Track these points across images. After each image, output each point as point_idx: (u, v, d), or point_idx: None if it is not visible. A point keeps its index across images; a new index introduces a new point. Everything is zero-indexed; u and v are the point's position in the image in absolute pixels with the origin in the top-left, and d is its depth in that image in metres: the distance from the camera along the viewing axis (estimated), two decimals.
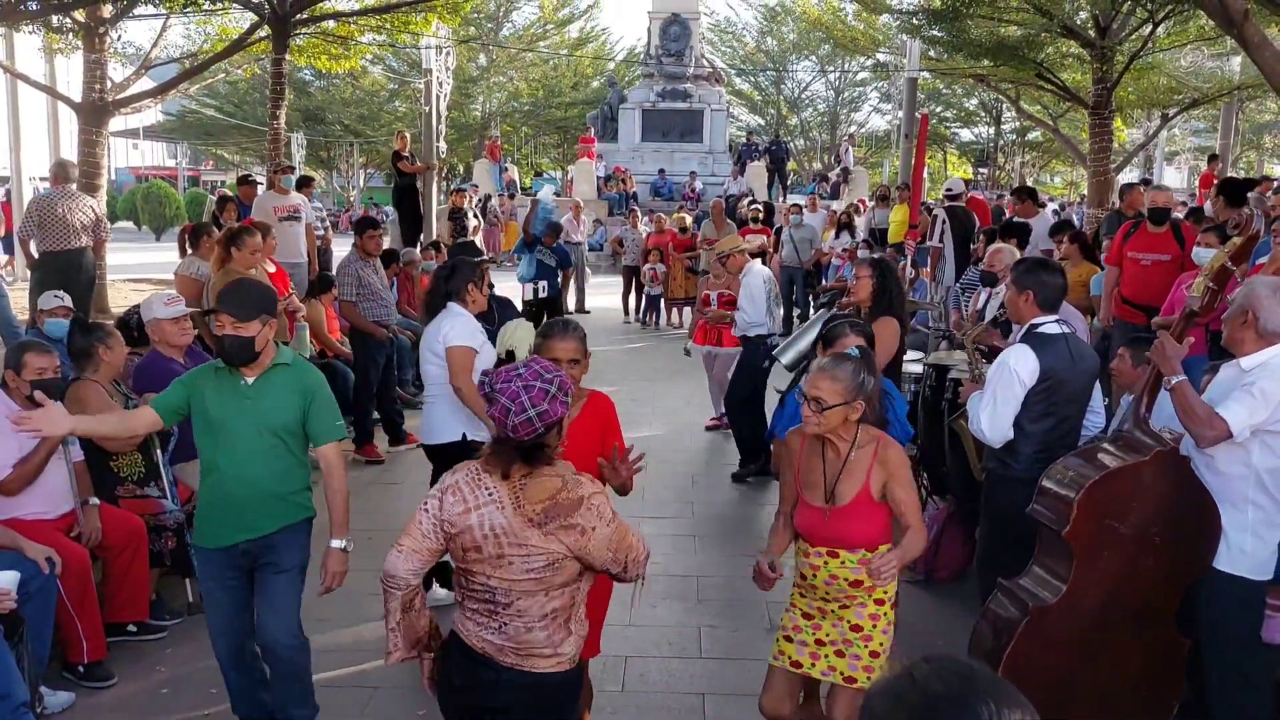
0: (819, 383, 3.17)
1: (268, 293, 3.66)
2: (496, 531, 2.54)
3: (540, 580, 2.54)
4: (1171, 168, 40.01)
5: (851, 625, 3.24)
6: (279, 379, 3.60)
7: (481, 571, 2.59)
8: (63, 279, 8.50)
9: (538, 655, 2.60)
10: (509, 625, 2.59)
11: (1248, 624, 3.43)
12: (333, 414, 3.69)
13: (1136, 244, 7.19)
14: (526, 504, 2.54)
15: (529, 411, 2.50)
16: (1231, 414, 3.24)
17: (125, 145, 43.07)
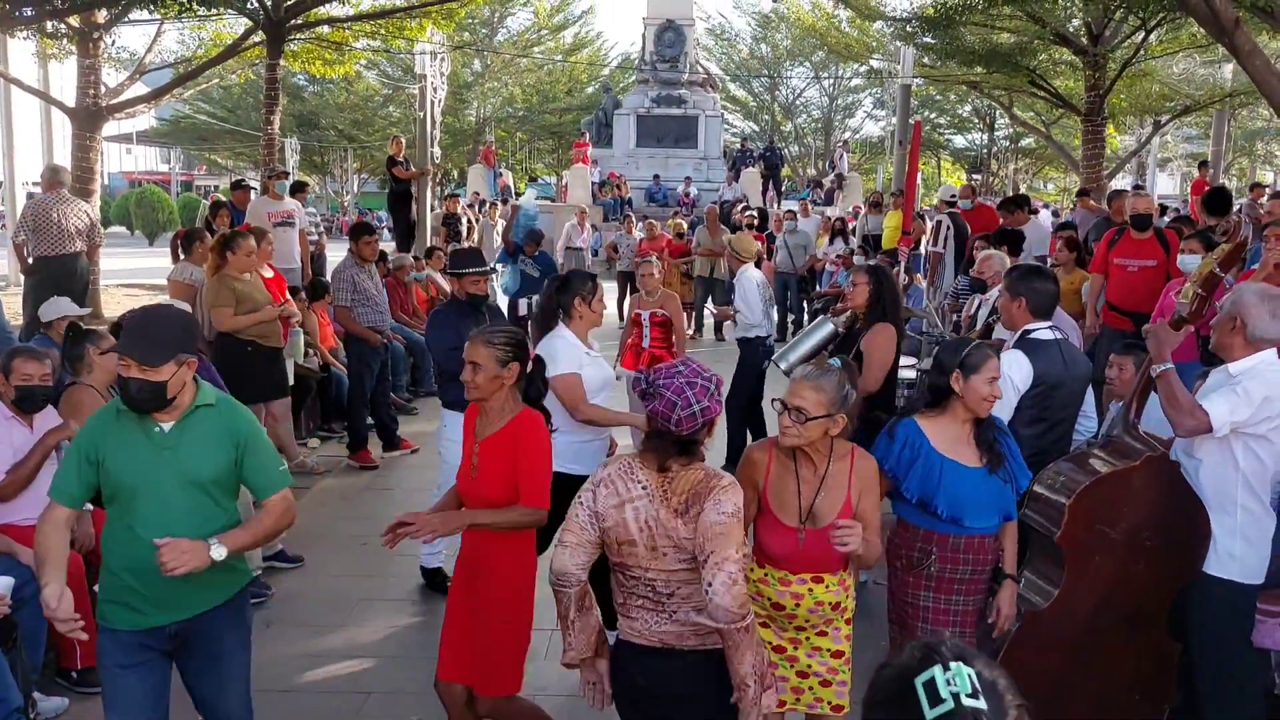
0: (802, 392, 2.98)
1: (184, 326, 3.07)
2: (650, 524, 2.61)
3: (692, 569, 2.59)
4: (1164, 174, 40.15)
5: (833, 652, 3.10)
6: (202, 423, 3.00)
7: (638, 564, 2.64)
8: (57, 284, 8.50)
9: (713, 636, 2.62)
10: (679, 612, 2.64)
11: (1238, 628, 3.45)
12: (273, 459, 3.12)
13: (1122, 250, 7.22)
14: (673, 496, 2.61)
15: (694, 407, 2.59)
16: (1214, 407, 3.27)
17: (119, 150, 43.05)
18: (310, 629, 4.97)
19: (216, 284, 6.59)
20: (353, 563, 5.83)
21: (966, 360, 3.25)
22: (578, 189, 24.01)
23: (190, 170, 48.67)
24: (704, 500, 2.59)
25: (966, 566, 3.29)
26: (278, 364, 6.88)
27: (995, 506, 3.27)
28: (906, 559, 3.35)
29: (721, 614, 2.51)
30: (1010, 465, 3.32)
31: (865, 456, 3.14)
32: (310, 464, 7.46)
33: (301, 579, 5.57)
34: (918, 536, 3.31)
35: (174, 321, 3.04)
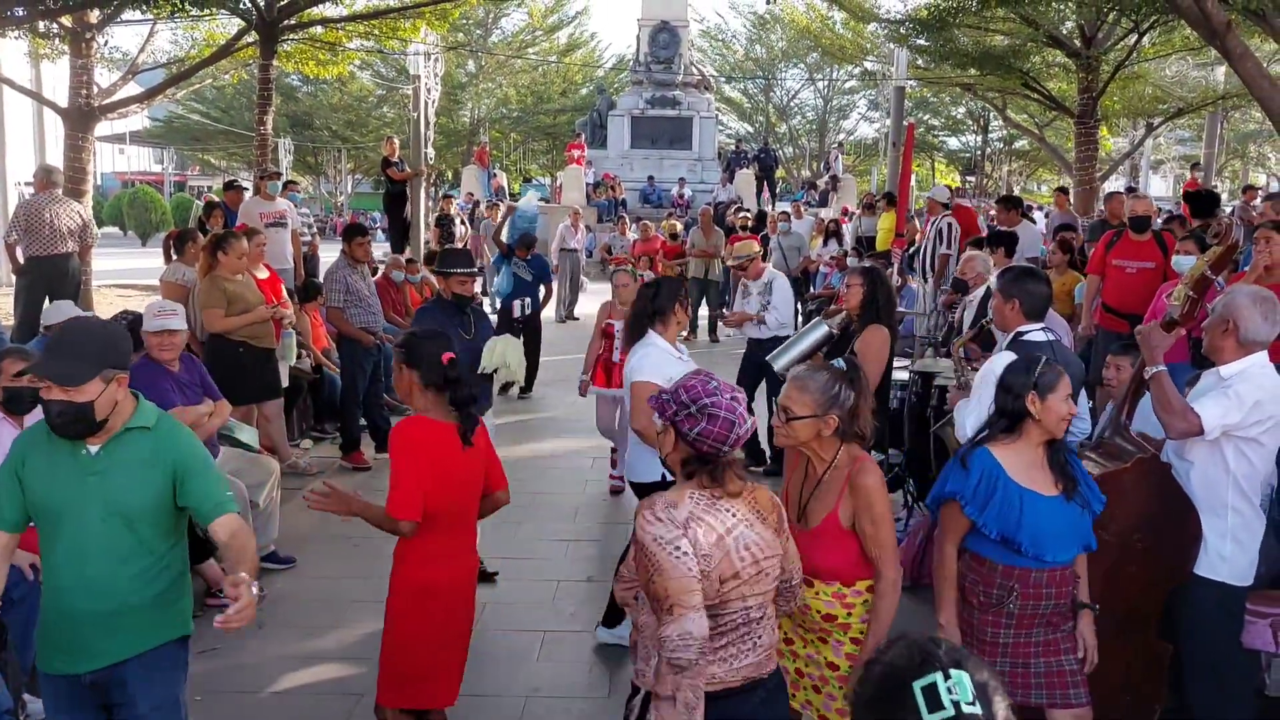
0: (789, 392, 2.97)
1: (108, 339, 2.76)
2: (752, 549, 2.49)
3: (777, 581, 2.60)
4: (1157, 176, 40.26)
5: (828, 662, 3.02)
6: (134, 447, 2.71)
7: (739, 597, 2.47)
8: (49, 284, 8.47)
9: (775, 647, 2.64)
10: (763, 636, 2.56)
11: (1228, 629, 3.46)
12: (217, 483, 2.82)
13: (1121, 252, 7.23)
14: (767, 514, 2.56)
15: (747, 424, 2.49)
16: (1205, 410, 3.28)
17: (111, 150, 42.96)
18: (301, 630, 4.96)
19: (208, 285, 6.58)
20: (344, 564, 5.81)
21: (1041, 380, 3.07)
22: (572, 190, 24.01)
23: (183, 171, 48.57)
24: (779, 511, 2.63)
25: (1049, 601, 3.11)
26: (270, 365, 6.86)
27: (1075, 537, 3.12)
28: (984, 598, 3.16)
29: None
30: (1084, 490, 3.17)
31: (868, 471, 2.96)
32: (302, 465, 7.45)
33: (293, 580, 5.56)
34: (997, 573, 3.11)
35: (96, 335, 2.74)
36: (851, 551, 2.96)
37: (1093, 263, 7.48)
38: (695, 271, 13.88)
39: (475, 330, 5.55)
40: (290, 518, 6.20)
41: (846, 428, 2.95)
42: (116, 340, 2.78)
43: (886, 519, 2.94)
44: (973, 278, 6.76)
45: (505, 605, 5.17)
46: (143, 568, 2.71)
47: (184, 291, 7.13)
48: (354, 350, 7.61)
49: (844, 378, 2.98)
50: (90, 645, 2.68)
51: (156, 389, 5.10)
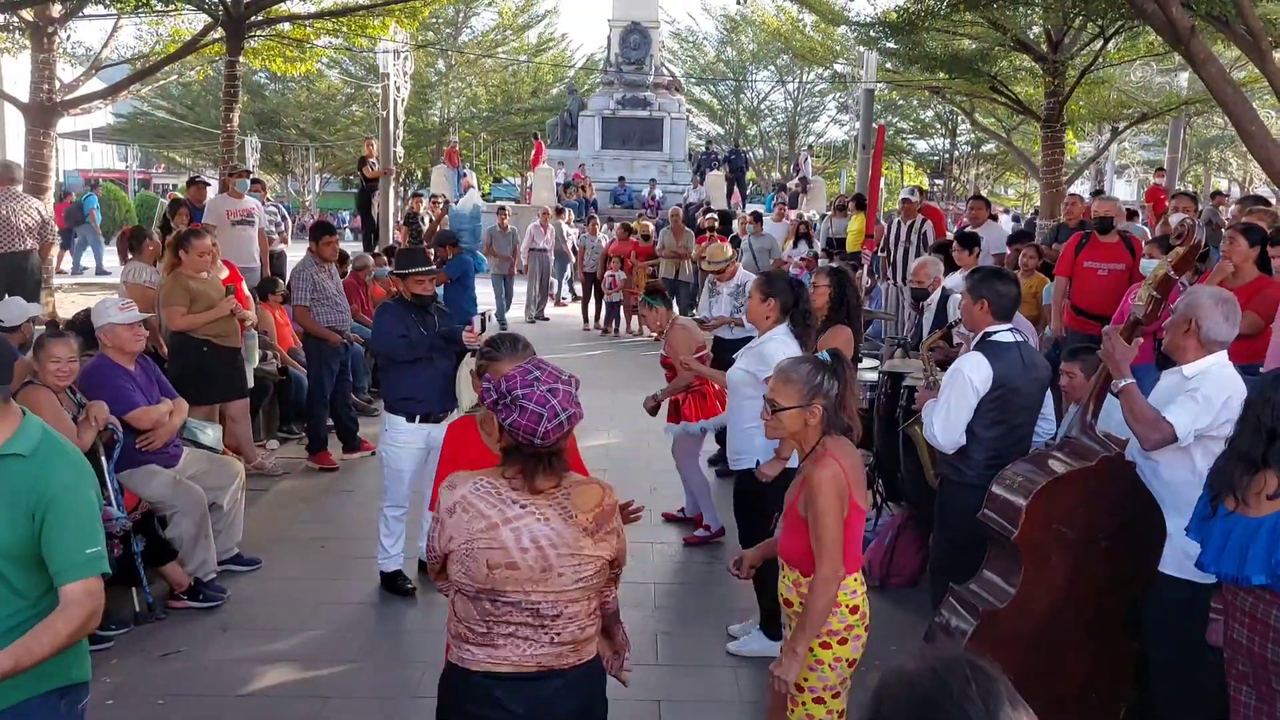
0: (774, 384, 3.05)
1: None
2: (542, 544, 2.40)
3: (587, 588, 2.48)
4: (1121, 180, 40.80)
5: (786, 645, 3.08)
6: (5, 477, 2.33)
7: (518, 589, 2.42)
8: (7, 282, 8.32)
9: (589, 642, 2.56)
10: (562, 633, 2.48)
11: (1192, 627, 3.49)
12: (83, 536, 2.35)
13: (1091, 254, 7.30)
14: (579, 513, 2.44)
15: (560, 416, 2.38)
16: (1176, 418, 3.31)
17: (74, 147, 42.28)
18: (267, 632, 4.90)
19: (171, 282, 6.50)
20: (311, 565, 5.75)
21: None
22: (542, 190, 23.96)
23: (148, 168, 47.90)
24: (612, 520, 2.51)
25: None
26: (235, 365, 6.78)
27: None
28: None
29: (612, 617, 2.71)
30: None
31: (826, 461, 2.97)
32: (269, 466, 7.37)
33: (259, 582, 5.49)
34: None
35: None
36: (803, 540, 3.00)
37: (1061, 264, 7.55)
38: (666, 272, 13.91)
39: (438, 328, 5.46)
40: (255, 519, 6.13)
41: (833, 418, 3.00)
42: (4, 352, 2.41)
43: (829, 514, 2.92)
44: (929, 283, 6.84)
45: None
46: (8, 613, 2.33)
47: (149, 294, 7.04)
48: (321, 350, 7.54)
49: (827, 369, 3.02)
50: None
51: (118, 389, 5.04)
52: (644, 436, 8.55)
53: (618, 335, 14.67)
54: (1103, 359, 3.60)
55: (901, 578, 5.54)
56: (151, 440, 5.10)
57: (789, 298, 4.52)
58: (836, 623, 3.01)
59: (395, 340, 5.26)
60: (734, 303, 7.43)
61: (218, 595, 5.13)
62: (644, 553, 6.01)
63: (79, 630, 2.33)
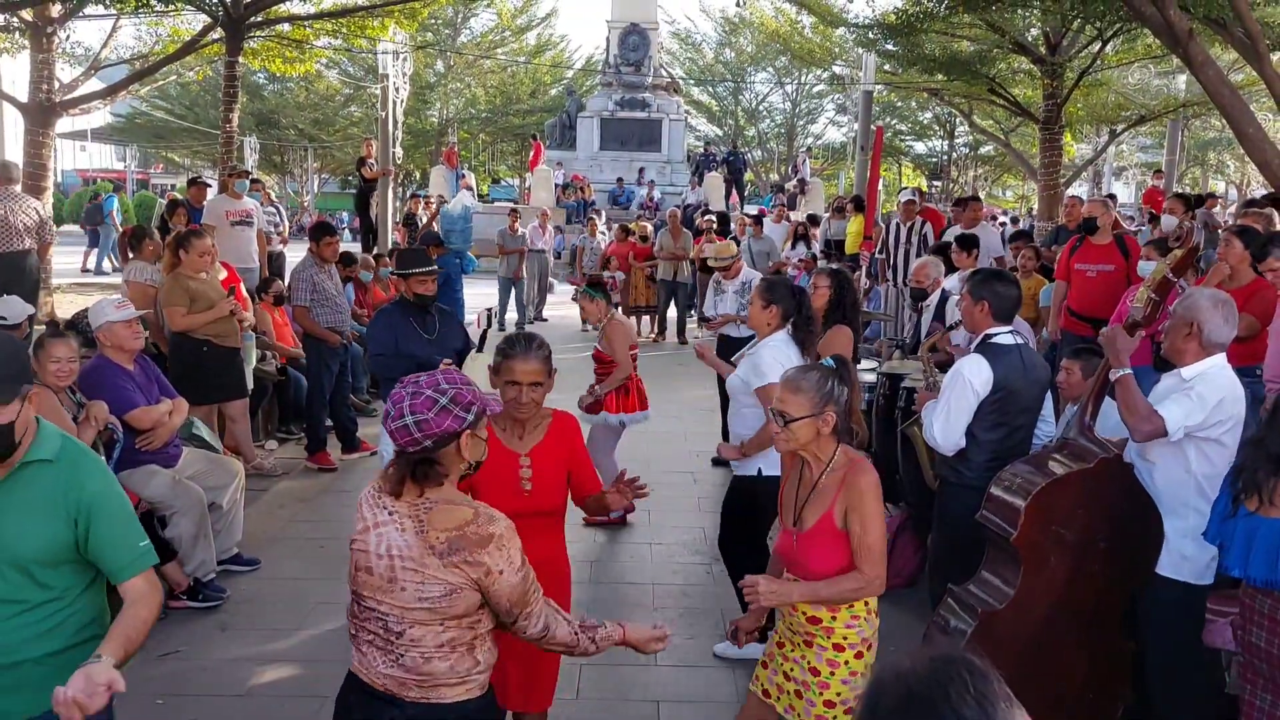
0: (784, 395, 2.93)
1: (21, 350, 2.48)
2: (392, 553, 2.34)
3: (434, 610, 2.34)
4: (1120, 182, 40.85)
5: (810, 667, 2.99)
6: (33, 485, 2.33)
7: (371, 596, 2.38)
8: (5, 281, 8.33)
9: (444, 685, 2.39)
10: (405, 656, 2.37)
11: (1189, 628, 3.51)
12: (130, 532, 2.43)
13: (1083, 256, 7.32)
14: (431, 530, 2.33)
15: (406, 418, 2.31)
16: (1169, 412, 3.33)
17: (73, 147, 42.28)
18: (266, 632, 4.90)
19: (170, 283, 6.51)
20: (310, 565, 5.76)
21: None
22: (541, 191, 23.97)
23: (146, 169, 47.90)
24: (479, 551, 2.32)
25: None
26: (234, 365, 6.79)
27: None
28: None
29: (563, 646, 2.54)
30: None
31: (864, 470, 2.95)
32: (267, 466, 7.37)
33: (257, 582, 5.49)
34: None
35: (6, 347, 2.36)
36: (843, 554, 2.92)
37: (1059, 268, 7.58)
38: (664, 274, 13.92)
39: (438, 332, 5.44)
40: (254, 519, 6.14)
41: (844, 424, 2.96)
42: (22, 351, 2.49)
43: (877, 520, 2.91)
44: (928, 284, 6.85)
45: None
46: (45, 615, 2.37)
47: (150, 292, 7.05)
48: (320, 350, 7.54)
49: (834, 374, 2.97)
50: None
51: (117, 389, 5.04)
52: (641, 438, 8.55)
53: None
54: (1103, 346, 3.61)
55: (900, 578, 5.54)
56: (151, 440, 5.10)
57: (790, 304, 4.47)
58: (869, 630, 3.01)
59: (374, 359, 5.27)
60: (739, 300, 7.48)
61: (217, 595, 5.13)
62: (641, 554, 6.02)
63: (153, 618, 2.41)
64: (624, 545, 6.08)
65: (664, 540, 6.28)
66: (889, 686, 1.28)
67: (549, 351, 3.26)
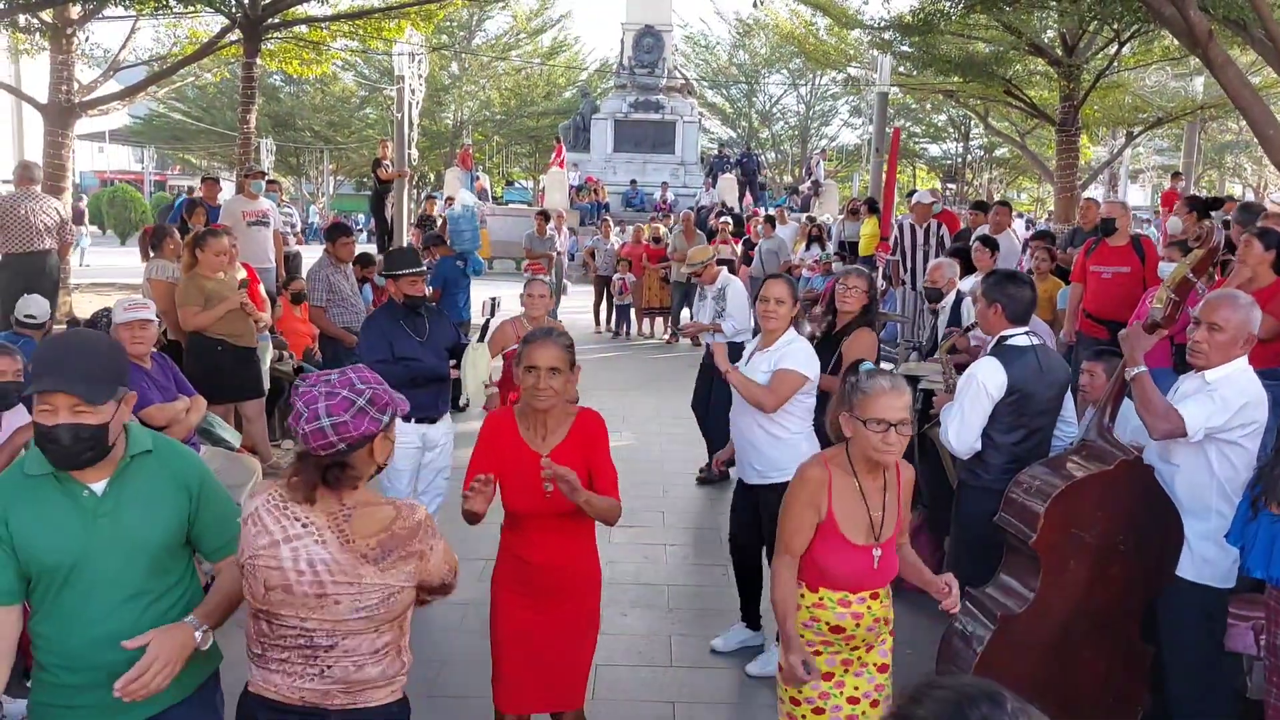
0: (897, 403, 2.80)
1: (118, 351, 2.45)
2: (317, 568, 2.22)
3: (371, 618, 2.28)
4: (1135, 185, 40.66)
5: (879, 666, 2.99)
6: (144, 475, 2.40)
7: (293, 615, 2.25)
8: (26, 281, 8.39)
9: (372, 689, 2.34)
10: (334, 668, 2.29)
11: (1210, 632, 3.48)
12: (232, 511, 2.50)
13: (1099, 258, 7.28)
14: (357, 538, 2.24)
15: (322, 421, 2.18)
16: (1189, 412, 3.31)
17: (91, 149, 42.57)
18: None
19: (186, 282, 6.55)
20: None
21: None
22: (555, 193, 24.00)
23: (164, 170, 48.20)
24: (411, 542, 2.28)
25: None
26: (251, 364, 6.81)
27: None
28: None
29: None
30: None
31: (906, 466, 3.03)
32: (284, 465, 7.39)
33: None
34: None
35: (107, 347, 2.37)
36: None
37: (1075, 270, 7.54)
38: (677, 275, 13.90)
39: (429, 333, 5.29)
40: None
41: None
42: (122, 355, 2.46)
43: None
44: (943, 285, 6.81)
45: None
46: (171, 602, 2.42)
47: (172, 289, 7.09)
48: (336, 350, 7.56)
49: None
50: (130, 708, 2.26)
51: (133, 386, 5.05)
52: (655, 439, 8.56)
53: (628, 338, 14.69)
54: (1120, 345, 3.59)
55: None
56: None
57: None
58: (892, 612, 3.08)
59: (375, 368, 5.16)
60: (715, 307, 7.32)
61: None
62: (656, 555, 6.01)
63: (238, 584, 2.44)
64: (638, 546, 6.07)
65: (678, 542, 6.28)
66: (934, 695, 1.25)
67: (570, 342, 3.21)
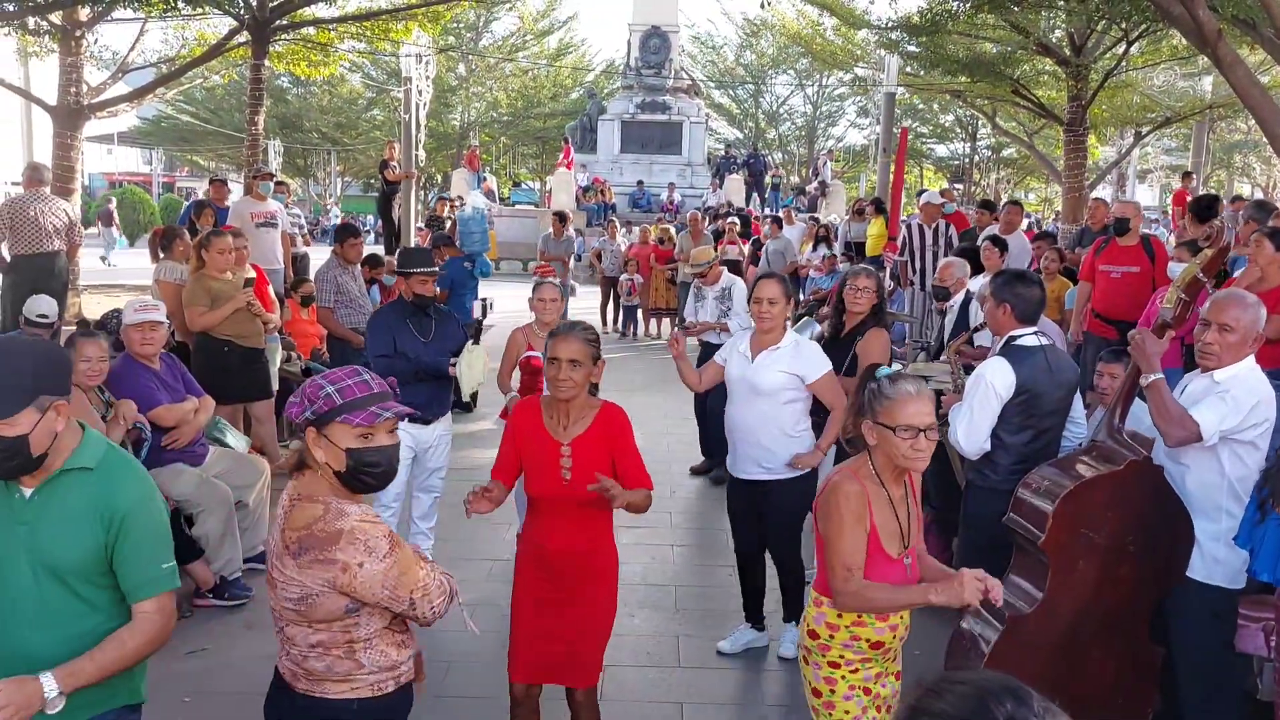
0: (923, 408, 2.71)
1: (44, 360, 2.31)
2: (271, 549, 2.38)
3: (298, 612, 2.32)
4: (1144, 185, 40.53)
5: (897, 674, 2.98)
6: (70, 491, 2.30)
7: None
8: (35, 282, 8.41)
9: (329, 681, 2.39)
10: (291, 650, 2.42)
11: (1220, 633, 3.47)
12: (157, 551, 2.36)
13: (1108, 258, 7.25)
14: (288, 529, 2.32)
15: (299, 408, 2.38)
16: (1203, 417, 3.29)
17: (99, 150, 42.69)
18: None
19: (193, 283, 6.56)
20: None
21: None
22: (561, 194, 24.02)
23: (172, 172, 48.33)
24: (329, 549, 2.26)
25: None
26: (259, 365, 6.82)
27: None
28: None
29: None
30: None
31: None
32: None
33: None
34: None
35: (25, 355, 2.28)
36: None
37: (1084, 270, 7.52)
38: (684, 276, 13.87)
39: (434, 333, 5.30)
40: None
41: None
42: (53, 361, 2.33)
43: None
44: (952, 284, 6.79)
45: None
46: (86, 629, 2.30)
47: (180, 291, 7.11)
48: (344, 350, 7.57)
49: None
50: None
51: (141, 387, 5.08)
52: (662, 439, 8.55)
53: (635, 338, 14.69)
54: (1132, 354, 3.57)
55: None
56: (177, 438, 5.14)
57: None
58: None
59: (375, 361, 5.14)
60: (719, 307, 7.32)
61: (243, 593, 5.16)
62: (663, 555, 6.01)
63: (147, 646, 2.34)
64: (645, 547, 6.07)
65: (685, 543, 6.27)
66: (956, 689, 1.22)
67: (594, 337, 3.33)
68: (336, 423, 2.32)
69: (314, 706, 2.41)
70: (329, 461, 2.34)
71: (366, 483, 2.38)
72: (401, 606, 2.37)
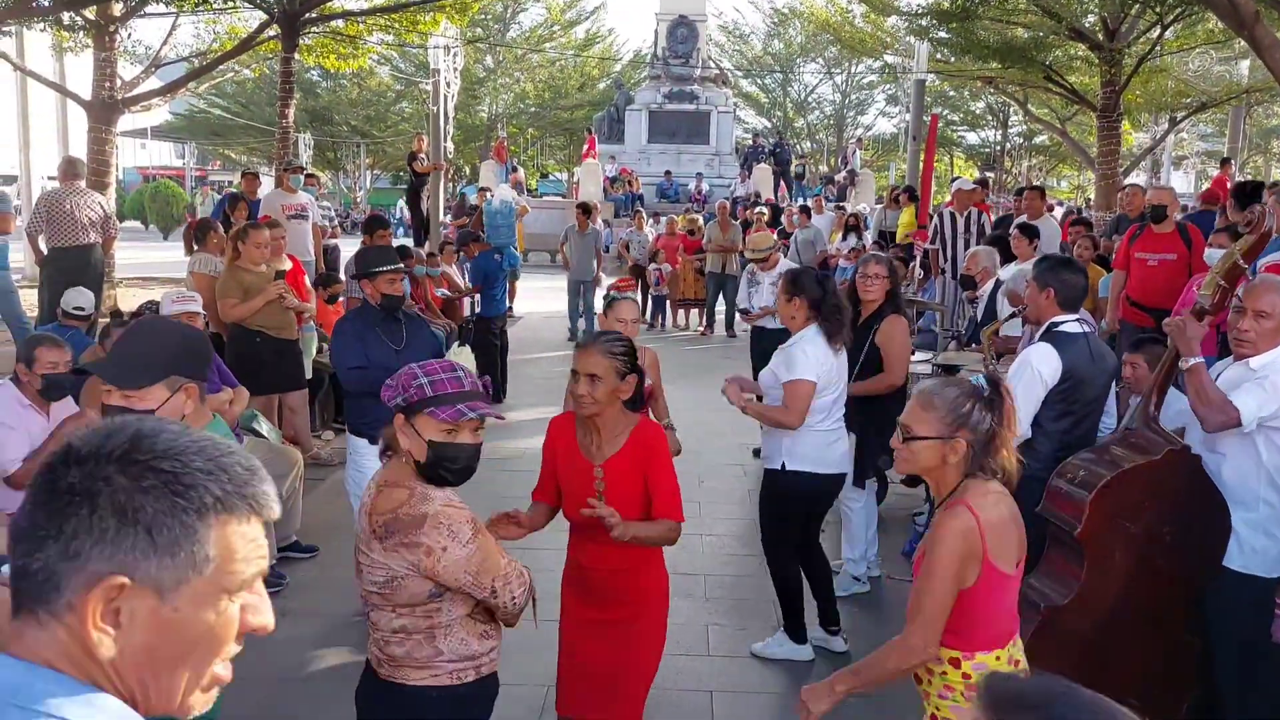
0: (911, 408, 2.44)
1: (181, 343, 2.44)
2: (359, 534, 2.45)
3: (382, 595, 2.38)
4: (1179, 172, 39.92)
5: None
6: None
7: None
8: (71, 275, 8.55)
9: (409, 666, 2.43)
10: (375, 635, 2.48)
11: (1258, 622, 3.43)
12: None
13: (1142, 245, 7.17)
14: (374, 513, 2.38)
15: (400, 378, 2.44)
16: (1242, 402, 3.25)
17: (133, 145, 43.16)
18: (324, 618, 4.98)
19: (226, 275, 6.63)
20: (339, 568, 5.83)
21: None
22: (589, 185, 24.02)
23: (204, 165, 48.81)
24: (414, 532, 2.30)
25: None
26: (291, 355, 6.88)
27: None
28: None
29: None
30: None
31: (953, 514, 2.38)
32: (324, 456, 7.48)
33: (315, 569, 5.58)
34: None
35: (165, 337, 2.41)
36: None
37: (1118, 258, 7.43)
38: (713, 266, 13.86)
39: (406, 342, 4.77)
40: (312, 508, 6.23)
41: (980, 457, 2.38)
42: (191, 345, 2.46)
43: (937, 575, 2.33)
44: (978, 273, 6.74)
45: None
46: None
47: (214, 283, 7.19)
48: None
49: (980, 397, 2.40)
50: None
51: None
52: (693, 429, 8.53)
53: (663, 329, 14.69)
54: (1172, 338, 3.52)
55: None
56: None
57: (816, 292, 4.37)
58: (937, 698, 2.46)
59: (347, 373, 4.78)
60: (775, 292, 7.36)
61: (277, 581, 5.22)
62: (693, 545, 6.01)
63: None
64: None
65: (715, 532, 6.27)
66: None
67: (619, 350, 3.04)
68: (424, 414, 2.35)
69: (394, 692, 2.44)
70: (412, 450, 2.39)
71: (444, 477, 2.41)
72: (483, 593, 2.39)
